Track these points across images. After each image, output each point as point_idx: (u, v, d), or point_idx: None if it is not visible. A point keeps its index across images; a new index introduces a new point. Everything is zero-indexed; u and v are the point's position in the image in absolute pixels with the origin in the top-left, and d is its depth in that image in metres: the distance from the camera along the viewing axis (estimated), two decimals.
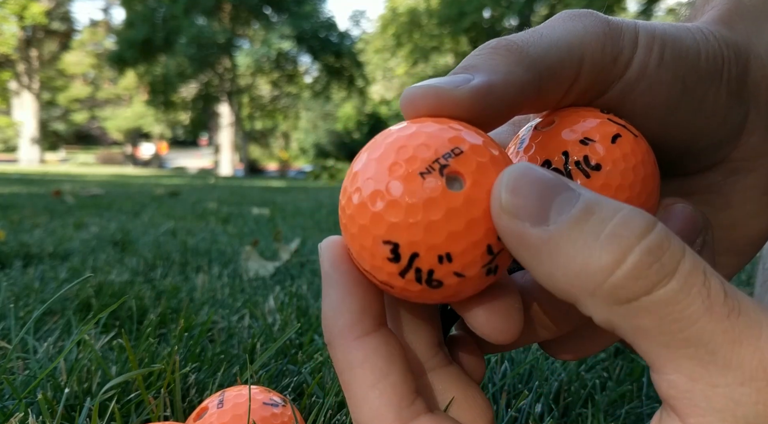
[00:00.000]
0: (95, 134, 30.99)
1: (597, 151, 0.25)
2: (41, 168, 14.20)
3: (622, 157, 0.25)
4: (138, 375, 0.41)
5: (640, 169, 0.25)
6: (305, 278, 0.99)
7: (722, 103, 0.28)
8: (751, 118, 0.29)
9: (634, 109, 0.27)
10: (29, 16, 19.30)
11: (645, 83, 0.26)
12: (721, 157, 0.30)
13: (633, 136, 0.25)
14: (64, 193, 3.39)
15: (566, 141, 0.25)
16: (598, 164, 0.25)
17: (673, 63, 0.26)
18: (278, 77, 18.69)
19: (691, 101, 0.27)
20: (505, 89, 0.23)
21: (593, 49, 0.25)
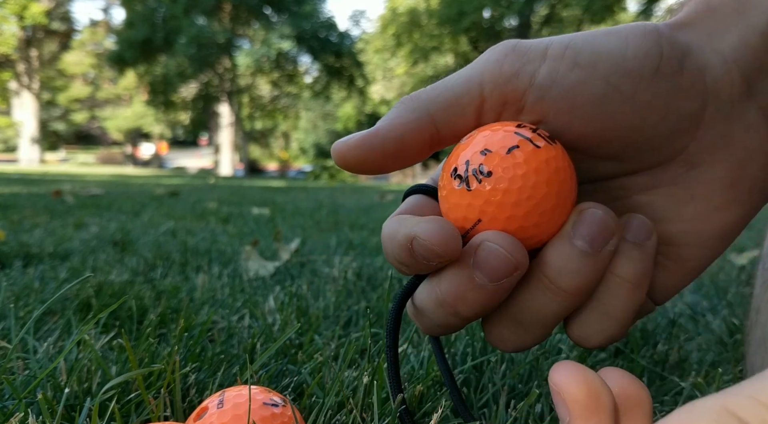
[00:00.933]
0: (95, 134, 30.99)
1: (491, 160, 0.29)
2: (41, 168, 14.20)
3: (513, 166, 0.28)
4: (138, 375, 0.41)
5: (530, 177, 0.28)
6: (305, 278, 0.99)
7: (663, 97, 0.29)
8: (709, 112, 0.30)
9: (559, 110, 0.30)
10: (29, 16, 19.30)
11: (560, 86, 0.29)
12: (678, 149, 0.31)
13: (533, 147, 0.28)
14: (64, 193, 3.39)
15: (471, 151, 0.29)
16: (489, 171, 0.28)
17: (589, 65, 0.29)
18: (278, 77, 18.69)
19: (618, 96, 0.29)
20: (388, 131, 0.31)
21: (491, 71, 0.30)
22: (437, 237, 0.28)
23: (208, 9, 16.57)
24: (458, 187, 0.29)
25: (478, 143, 0.29)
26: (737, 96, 0.31)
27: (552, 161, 0.29)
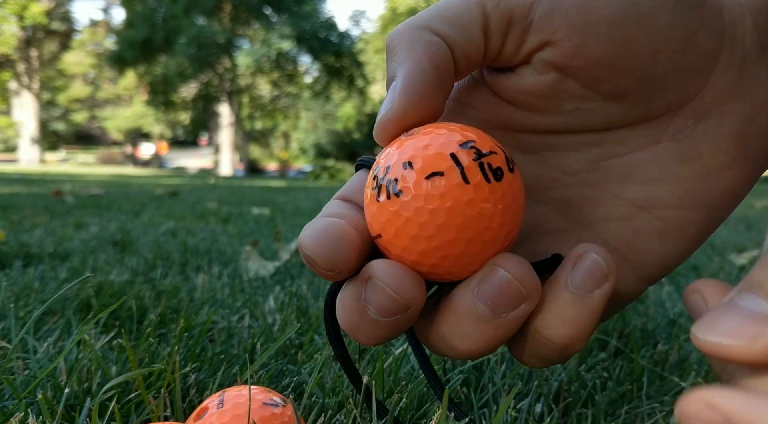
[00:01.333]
0: (95, 134, 30.99)
1: (407, 179, 0.25)
2: (41, 168, 14.20)
3: (425, 196, 0.24)
4: (138, 375, 0.41)
5: (439, 216, 0.24)
6: (305, 278, 0.99)
7: (682, 28, 0.27)
8: (724, 56, 0.28)
9: (570, 27, 0.26)
10: (29, 16, 19.30)
11: (572, 0, 0.26)
12: (690, 94, 0.29)
13: (460, 181, 0.24)
14: (64, 193, 3.39)
15: (397, 157, 0.25)
16: (400, 191, 0.25)
17: None
18: (278, 77, 18.68)
19: (637, 17, 0.26)
20: (421, 70, 0.26)
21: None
22: (318, 249, 0.25)
23: (208, 9, 16.56)
24: (372, 190, 0.26)
25: (408, 149, 0.25)
26: (750, 45, 0.28)
27: (476, 204, 0.24)
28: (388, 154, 0.26)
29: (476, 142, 0.25)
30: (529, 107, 0.29)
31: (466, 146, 0.25)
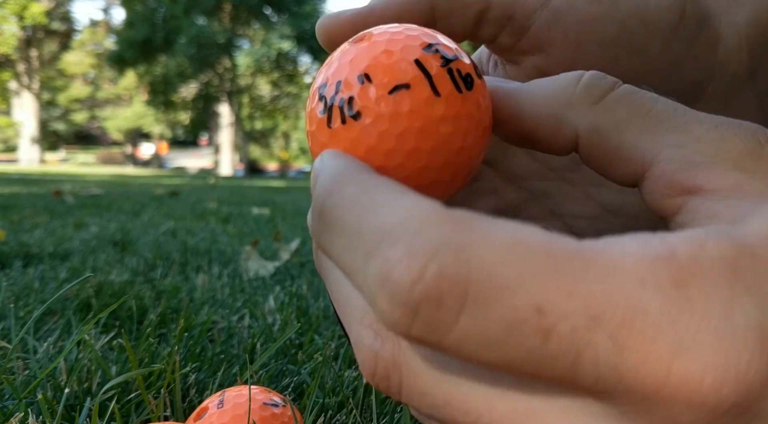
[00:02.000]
0: (95, 134, 31.00)
1: (365, 96, 0.20)
2: (41, 168, 14.20)
3: (390, 116, 0.20)
4: (138, 375, 0.41)
5: (408, 139, 0.20)
6: (305, 278, 0.99)
7: (671, 58, 0.27)
8: (712, 86, 0.29)
9: (565, 42, 0.27)
10: (29, 16, 19.31)
11: (573, 16, 0.26)
12: None
13: (430, 93, 0.20)
14: (64, 193, 3.39)
15: (349, 68, 0.20)
16: (358, 113, 0.20)
17: (611, 3, 0.26)
18: (278, 77, 18.69)
19: (630, 44, 0.27)
20: (383, 10, 0.25)
21: None
22: None
23: (208, 9, 16.57)
24: (320, 114, 0.21)
25: (362, 58, 0.20)
26: (741, 75, 0.29)
27: (449, 121, 0.20)
28: (337, 67, 0.21)
29: (440, 44, 0.21)
30: None
31: (430, 50, 0.20)
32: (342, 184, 0.18)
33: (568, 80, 0.22)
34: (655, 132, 0.20)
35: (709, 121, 0.20)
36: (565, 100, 0.21)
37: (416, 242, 0.15)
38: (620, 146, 0.21)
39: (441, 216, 0.16)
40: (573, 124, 0.21)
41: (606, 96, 0.21)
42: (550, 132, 0.22)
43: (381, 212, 0.16)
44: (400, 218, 0.16)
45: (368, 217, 0.16)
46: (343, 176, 0.18)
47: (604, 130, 0.21)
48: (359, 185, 0.18)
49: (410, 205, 0.16)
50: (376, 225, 0.16)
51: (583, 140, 0.21)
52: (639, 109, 0.20)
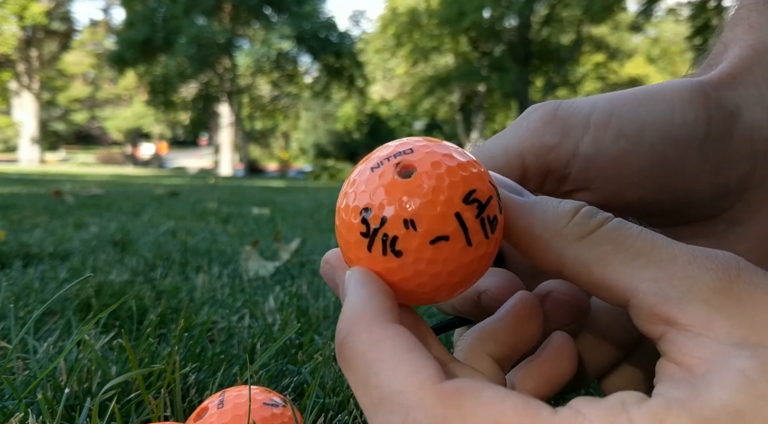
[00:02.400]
0: (95, 134, 30.99)
1: (408, 241, 0.23)
2: (41, 168, 14.20)
3: (428, 261, 0.23)
4: (138, 375, 0.41)
5: (440, 277, 0.23)
6: (305, 278, 0.99)
7: (712, 162, 0.28)
8: (758, 173, 0.29)
9: (606, 179, 0.29)
10: (29, 16, 19.30)
11: (605, 157, 0.28)
12: (723, 209, 0.30)
13: (465, 244, 0.23)
14: (64, 193, 3.39)
15: (396, 209, 0.23)
16: (399, 252, 0.23)
17: (635, 134, 0.28)
18: (278, 77, 18.69)
19: (666, 165, 0.28)
20: None
21: (531, 142, 0.29)
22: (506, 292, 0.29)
23: (208, 9, 16.56)
24: (362, 236, 0.24)
25: (408, 198, 0.23)
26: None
27: (475, 262, 0.24)
28: (382, 196, 0.23)
29: (477, 190, 0.23)
30: None
31: (469, 201, 0.23)
32: (358, 329, 0.22)
33: (563, 212, 0.24)
34: (634, 267, 0.22)
35: (683, 257, 0.22)
36: (556, 231, 0.24)
37: (410, 416, 0.19)
38: (602, 279, 0.23)
39: (433, 392, 0.19)
40: (559, 253, 0.24)
41: (593, 233, 0.23)
42: (539, 253, 0.24)
43: (383, 375, 0.20)
44: (398, 387, 0.20)
45: (372, 376, 0.21)
46: (360, 322, 0.22)
47: (587, 262, 0.23)
48: (370, 338, 0.21)
49: (409, 374, 0.20)
50: (378, 385, 0.20)
51: (568, 270, 0.24)
52: (621, 245, 0.23)
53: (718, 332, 0.20)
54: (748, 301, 0.21)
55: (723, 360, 0.19)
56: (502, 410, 0.19)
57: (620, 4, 15.21)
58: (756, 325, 0.20)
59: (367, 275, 0.24)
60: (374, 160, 0.24)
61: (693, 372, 0.20)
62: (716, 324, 0.20)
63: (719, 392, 0.19)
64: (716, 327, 0.20)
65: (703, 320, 0.21)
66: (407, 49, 18.11)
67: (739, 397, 0.18)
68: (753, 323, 0.20)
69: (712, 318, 0.20)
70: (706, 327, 0.20)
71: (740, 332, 0.20)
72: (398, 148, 0.24)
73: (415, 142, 0.24)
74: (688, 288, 0.21)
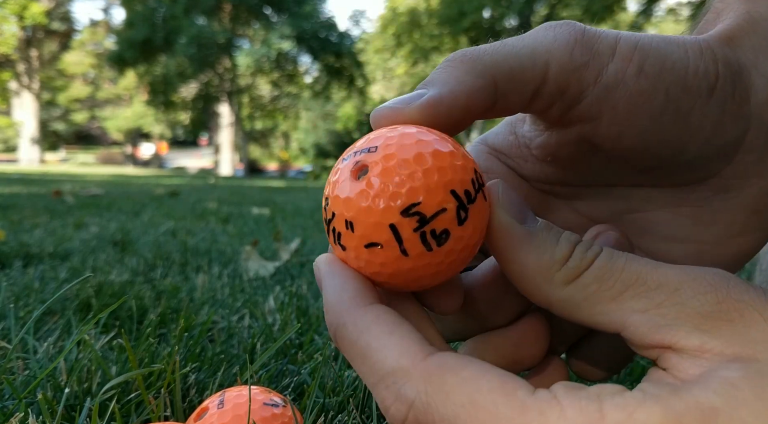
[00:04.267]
0: (95, 134, 30.99)
1: (348, 241, 0.24)
2: (41, 168, 14.20)
3: (366, 261, 0.24)
4: (138, 375, 0.41)
5: (383, 276, 0.24)
6: (305, 278, 0.99)
7: (712, 119, 0.28)
8: (750, 137, 0.29)
9: (615, 116, 0.27)
10: (29, 16, 19.30)
11: (623, 91, 0.27)
12: (713, 172, 0.30)
13: (400, 254, 0.23)
14: (64, 193, 3.39)
15: (342, 207, 0.24)
16: (344, 247, 0.24)
17: (654, 74, 0.27)
18: (278, 77, 18.69)
19: (675, 113, 0.27)
20: (453, 99, 0.26)
21: (560, 53, 0.27)
22: None
23: (208, 9, 16.56)
24: (325, 223, 0.25)
25: (353, 201, 0.23)
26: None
27: (418, 270, 0.24)
28: (337, 192, 0.24)
29: (423, 202, 0.23)
30: (560, 165, 0.31)
31: (408, 213, 0.22)
32: (344, 320, 0.23)
33: (558, 257, 0.24)
34: (620, 302, 0.23)
35: (670, 284, 0.22)
36: (548, 277, 0.24)
37: (400, 392, 0.21)
38: (591, 316, 0.24)
39: (418, 369, 0.21)
40: (548, 295, 0.24)
41: (580, 276, 0.24)
42: (528, 289, 0.25)
43: (374, 359, 0.22)
44: (388, 368, 0.22)
45: (364, 361, 0.23)
46: (342, 312, 0.24)
47: (574, 303, 0.24)
48: (355, 326, 0.23)
49: (396, 355, 0.22)
50: (372, 368, 0.22)
51: (556, 309, 0.25)
52: (606, 283, 0.23)
53: (712, 353, 0.21)
54: (739, 320, 0.21)
55: (712, 371, 0.20)
56: (478, 388, 0.20)
57: (620, 4, 15.21)
58: (747, 341, 0.21)
59: (333, 263, 0.25)
60: (347, 151, 0.25)
61: (683, 380, 0.21)
62: (708, 346, 0.21)
63: (698, 392, 0.19)
64: (709, 348, 0.21)
65: (695, 344, 0.21)
66: (407, 49, 18.11)
67: (718, 399, 0.19)
68: (744, 340, 0.21)
69: (704, 340, 0.21)
70: (700, 349, 0.21)
71: (732, 350, 0.21)
72: (367, 144, 0.24)
73: (389, 137, 0.24)
74: (677, 315, 0.22)
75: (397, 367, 0.22)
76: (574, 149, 0.30)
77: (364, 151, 0.24)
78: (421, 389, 0.21)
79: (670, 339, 0.22)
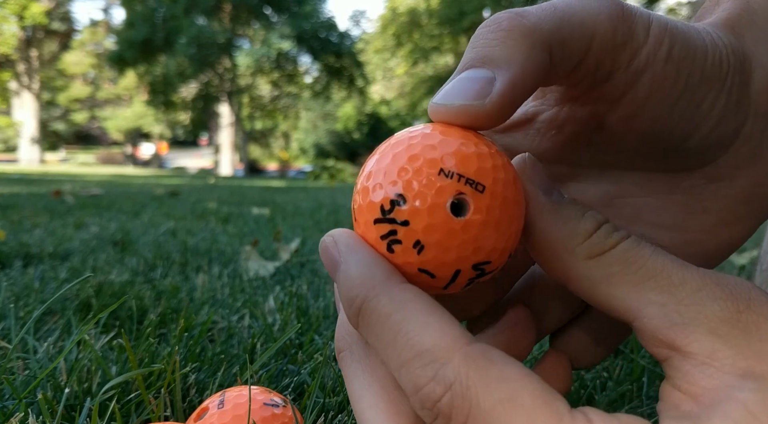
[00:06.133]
0: (95, 134, 30.99)
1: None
2: (41, 168, 14.19)
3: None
4: (138, 375, 0.41)
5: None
6: (305, 278, 0.99)
7: (719, 109, 0.28)
8: (747, 127, 0.29)
9: (635, 99, 0.27)
10: (29, 16, 19.30)
11: (649, 75, 0.26)
12: (708, 161, 0.30)
13: None
14: (64, 193, 3.39)
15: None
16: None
17: (679, 60, 0.26)
18: (278, 77, 18.68)
19: (689, 101, 0.27)
20: (525, 80, 0.23)
21: (605, 29, 0.25)
22: None
23: (208, 9, 16.55)
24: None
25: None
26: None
27: None
28: (426, 202, 0.22)
29: (491, 262, 0.23)
30: (560, 142, 0.30)
31: (477, 268, 0.23)
32: (376, 292, 0.22)
33: (582, 230, 0.24)
34: (641, 290, 0.22)
35: (693, 283, 0.22)
36: (569, 248, 0.24)
37: (440, 372, 0.20)
38: (607, 298, 0.23)
39: (462, 352, 0.20)
40: (567, 267, 0.24)
41: (604, 253, 0.23)
42: (546, 261, 0.25)
43: (413, 333, 0.21)
44: (428, 345, 0.21)
45: (401, 336, 0.21)
46: (375, 285, 0.22)
47: (593, 281, 0.23)
48: (392, 300, 0.22)
49: (439, 333, 0.21)
50: (408, 343, 0.21)
51: (573, 284, 0.24)
52: (630, 267, 0.23)
53: (723, 362, 0.20)
54: (756, 332, 0.21)
55: (727, 392, 0.20)
56: (521, 388, 0.20)
57: None
58: (761, 355, 0.20)
59: (357, 238, 0.24)
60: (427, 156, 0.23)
61: (698, 402, 0.20)
62: (720, 353, 0.20)
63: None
64: (721, 356, 0.20)
65: (707, 349, 0.21)
66: (407, 49, 18.11)
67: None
68: (758, 353, 0.20)
69: (717, 347, 0.21)
70: (711, 356, 0.21)
71: (745, 362, 0.20)
72: (462, 168, 0.23)
73: (495, 178, 0.23)
74: (695, 315, 0.21)
75: (438, 345, 0.20)
76: (581, 127, 0.29)
77: (472, 184, 0.22)
78: (462, 373, 0.20)
79: (682, 339, 0.21)
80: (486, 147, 0.23)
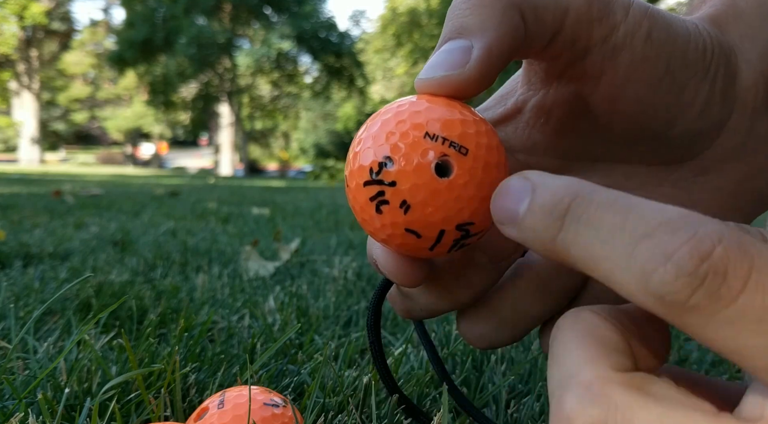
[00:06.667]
0: (95, 134, 31.00)
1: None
2: (41, 168, 14.19)
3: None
4: (138, 375, 0.41)
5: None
6: (305, 278, 0.99)
7: (703, 97, 0.28)
8: (733, 121, 0.29)
9: (615, 78, 0.27)
10: (29, 16, 19.31)
11: (629, 54, 0.27)
12: (695, 153, 0.30)
13: None
14: (64, 193, 3.39)
15: None
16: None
17: (660, 43, 0.27)
18: (278, 77, 18.68)
19: (671, 85, 0.28)
20: (501, 44, 0.24)
21: (580, 2, 0.26)
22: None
23: (208, 9, 16.55)
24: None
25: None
26: (759, 108, 0.30)
27: None
28: (410, 164, 0.24)
29: (475, 224, 0.26)
30: (550, 131, 0.31)
31: (461, 228, 0.25)
32: (590, 189, 0.20)
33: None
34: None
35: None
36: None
37: (700, 229, 0.17)
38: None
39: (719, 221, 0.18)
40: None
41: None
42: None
43: (647, 211, 0.18)
44: (672, 215, 0.18)
45: (633, 214, 0.19)
46: (586, 185, 0.20)
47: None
48: (609, 191, 0.20)
49: (678, 210, 0.18)
50: (646, 219, 0.18)
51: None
52: None
53: None
54: None
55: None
56: None
57: None
58: None
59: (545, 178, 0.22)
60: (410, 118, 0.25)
61: None
62: None
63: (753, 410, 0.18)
64: None
65: None
66: (407, 49, 18.11)
67: None
68: None
69: None
70: None
71: None
72: (446, 131, 0.24)
73: (478, 140, 0.25)
74: None
75: (682, 214, 0.18)
76: (568, 110, 0.29)
77: (456, 147, 0.24)
78: (730, 226, 0.18)
79: None
80: (470, 114, 0.25)
